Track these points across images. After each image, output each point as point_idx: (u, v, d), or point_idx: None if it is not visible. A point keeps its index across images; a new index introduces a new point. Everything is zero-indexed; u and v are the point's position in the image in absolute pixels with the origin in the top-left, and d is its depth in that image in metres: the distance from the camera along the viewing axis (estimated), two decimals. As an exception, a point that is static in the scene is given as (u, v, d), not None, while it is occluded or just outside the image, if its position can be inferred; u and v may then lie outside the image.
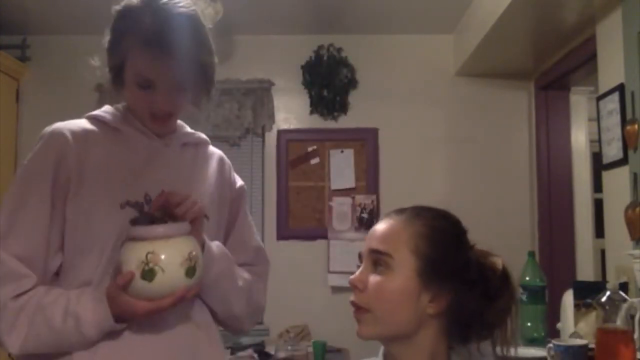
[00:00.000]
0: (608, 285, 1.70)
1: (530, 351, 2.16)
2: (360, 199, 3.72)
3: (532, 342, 2.28)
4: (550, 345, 1.85)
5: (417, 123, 3.81)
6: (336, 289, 3.62)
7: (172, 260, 1.12)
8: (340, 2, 3.38)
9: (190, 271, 1.14)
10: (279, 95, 3.83)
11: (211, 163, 1.43)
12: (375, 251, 1.06)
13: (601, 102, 2.64)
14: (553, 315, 2.38)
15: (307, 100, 3.83)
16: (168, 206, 1.18)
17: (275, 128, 3.82)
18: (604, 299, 1.68)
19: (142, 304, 1.13)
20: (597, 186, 3.06)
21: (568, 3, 2.67)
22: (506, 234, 3.64)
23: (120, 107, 1.34)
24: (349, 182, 3.76)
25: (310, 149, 3.80)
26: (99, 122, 1.29)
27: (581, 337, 1.90)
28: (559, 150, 3.59)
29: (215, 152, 1.47)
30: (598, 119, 2.67)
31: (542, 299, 2.34)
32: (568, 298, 2.14)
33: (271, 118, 3.80)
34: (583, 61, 3.03)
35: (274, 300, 3.71)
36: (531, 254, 2.42)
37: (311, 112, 3.83)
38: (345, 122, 3.82)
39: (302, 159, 3.80)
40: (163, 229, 1.15)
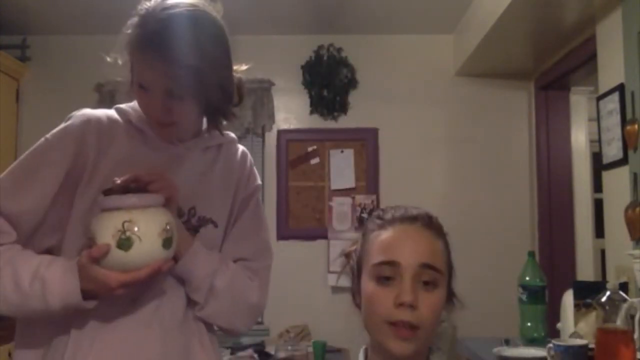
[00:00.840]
0: (608, 285, 1.70)
1: (530, 351, 2.16)
2: (360, 199, 3.72)
3: (532, 342, 2.28)
4: (550, 345, 1.85)
5: (417, 123, 3.81)
6: (336, 289, 3.62)
7: (150, 230, 1.08)
8: (340, 2, 3.38)
9: (167, 242, 1.10)
10: (279, 95, 3.83)
11: (233, 161, 1.40)
12: (429, 266, 1.01)
13: (601, 102, 2.64)
14: (553, 315, 2.38)
15: (307, 100, 3.83)
16: (140, 184, 1.15)
17: (275, 128, 3.82)
18: (604, 299, 1.68)
19: (115, 276, 1.08)
20: (597, 186, 3.06)
21: (568, 3, 2.67)
22: (506, 234, 3.65)
23: None
24: (349, 182, 3.76)
25: (310, 149, 3.80)
26: (126, 118, 1.28)
27: (581, 337, 1.90)
28: (559, 150, 3.59)
29: (239, 150, 1.44)
30: (598, 119, 2.67)
31: (542, 299, 2.34)
32: (568, 298, 2.14)
33: (271, 118, 3.80)
34: (583, 61, 3.03)
35: (274, 300, 3.71)
36: (531, 254, 2.42)
37: (311, 112, 3.83)
38: (345, 122, 3.82)
39: (302, 159, 3.80)
40: (139, 198, 1.11)
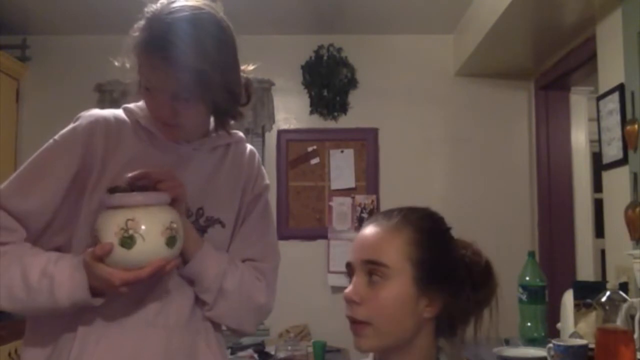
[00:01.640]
0: (608, 285, 1.70)
1: (530, 351, 2.16)
2: (360, 199, 3.72)
3: (532, 342, 2.28)
4: (550, 345, 1.85)
5: (417, 123, 3.81)
6: (336, 289, 3.62)
7: (153, 228, 1.08)
8: (340, 2, 3.38)
9: (171, 241, 1.10)
10: (279, 95, 3.83)
11: (241, 160, 1.40)
12: (370, 262, 1.02)
13: (601, 102, 2.64)
14: (553, 315, 2.38)
15: (307, 100, 3.83)
16: (149, 181, 1.15)
17: (275, 128, 3.82)
18: (604, 299, 1.68)
19: (118, 274, 1.08)
20: (597, 186, 3.06)
21: (568, 3, 2.67)
22: (506, 234, 3.65)
23: None
24: (349, 182, 3.76)
25: (310, 149, 3.80)
26: (134, 118, 1.28)
27: (581, 337, 1.90)
28: (559, 150, 3.59)
29: (247, 149, 1.44)
30: (598, 119, 2.67)
31: (542, 299, 2.34)
32: (568, 298, 2.14)
33: (271, 118, 3.80)
34: (583, 61, 3.03)
35: (274, 300, 3.73)
36: (531, 254, 2.42)
37: (311, 112, 3.83)
38: (345, 122, 3.82)
39: (302, 159, 3.80)
40: (143, 197, 1.11)
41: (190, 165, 1.29)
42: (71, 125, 1.25)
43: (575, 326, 2.03)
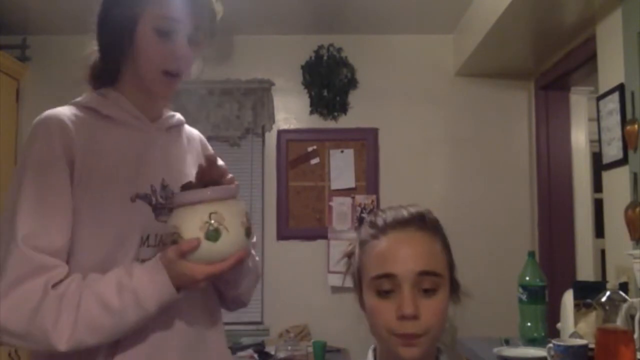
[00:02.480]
0: (608, 285, 1.70)
1: (530, 351, 2.16)
2: (360, 199, 3.72)
3: (532, 342, 2.28)
4: (550, 345, 1.85)
5: (417, 123, 3.81)
6: (336, 289, 3.62)
7: (234, 220, 1.10)
8: (340, 2, 3.38)
9: (249, 231, 1.13)
10: (279, 95, 3.83)
11: (195, 144, 1.42)
12: (427, 273, 0.99)
13: (601, 102, 2.64)
14: (553, 315, 2.38)
15: (307, 100, 3.83)
16: (210, 176, 1.16)
17: (275, 128, 3.82)
18: (604, 299, 1.68)
19: (202, 268, 1.09)
20: (597, 186, 3.06)
21: (568, 3, 2.67)
22: (506, 234, 3.65)
23: (105, 92, 1.28)
24: (349, 182, 3.76)
25: (310, 149, 3.80)
26: (88, 109, 1.25)
27: (581, 337, 1.90)
28: (559, 150, 3.59)
29: (194, 132, 1.45)
30: (598, 119, 2.67)
31: (542, 299, 2.34)
32: (568, 298, 2.14)
33: (271, 118, 3.80)
34: (583, 61, 3.03)
35: (274, 300, 3.74)
36: (531, 254, 2.42)
37: (311, 112, 3.83)
38: (345, 122, 3.82)
39: (302, 159, 3.80)
40: (222, 190, 1.13)
41: (157, 144, 1.29)
42: (37, 134, 1.17)
43: (575, 326, 2.03)
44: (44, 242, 1.11)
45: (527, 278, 2.35)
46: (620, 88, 2.47)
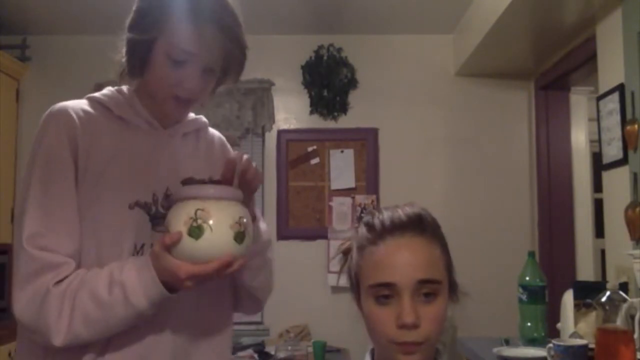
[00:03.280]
0: (608, 285, 1.70)
1: (530, 351, 2.16)
2: (360, 199, 3.72)
3: (532, 342, 2.28)
4: (550, 345, 1.85)
5: (417, 123, 3.81)
6: (336, 289, 3.62)
7: (222, 221, 1.07)
8: (340, 2, 3.38)
9: (239, 237, 1.09)
10: (279, 95, 3.83)
11: (214, 148, 1.40)
12: (427, 281, 0.97)
13: (601, 102, 2.64)
14: (553, 315, 2.38)
15: (307, 100, 3.84)
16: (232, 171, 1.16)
17: (275, 128, 3.82)
18: (604, 299, 1.68)
19: (185, 267, 1.06)
20: (597, 186, 3.06)
21: (568, 3, 2.67)
22: (506, 234, 3.65)
23: (124, 90, 1.28)
24: (349, 182, 3.76)
25: (310, 149, 3.80)
26: (103, 107, 1.25)
27: (581, 337, 1.90)
28: (559, 150, 3.59)
29: (215, 135, 1.43)
30: (598, 119, 2.67)
31: (542, 299, 2.34)
32: (568, 298, 2.14)
33: (271, 118, 3.80)
34: (583, 61, 3.03)
35: (274, 300, 3.72)
36: (531, 254, 2.42)
37: (311, 112, 3.83)
38: (345, 122, 3.82)
39: (302, 159, 3.80)
40: (215, 189, 1.11)
41: (166, 151, 1.28)
42: (47, 127, 1.18)
43: (575, 326, 2.03)
44: (48, 241, 1.12)
45: (527, 278, 2.34)
46: (620, 88, 2.47)
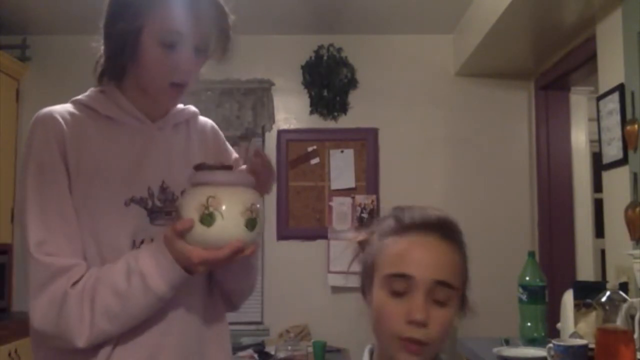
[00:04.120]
0: (608, 285, 1.70)
1: (530, 351, 2.16)
2: (360, 199, 3.72)
3: (532, 342, 2.28)
4: (550, 345, 1.85)
5: (417, 123, 3.81)
6: (336, 289, 3.62)
7: (233, 208, 1.08)
8: (340, 2, 3.38)
9: (250, 223, 1.09)
10: (279, 95, 3.83)
11: (206, 136, 1.39)
12: (444, 283, 0.97)
13: (601, 102, 2.64)
14: (553, 315, 2.38)
15: (307, 100, 3.84)
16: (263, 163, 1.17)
17: (275, 128, 3.82)
18: (604, 299, 1.68)
19: (198, 252, 1.07)
20: (597, 186, 3.06)
21: (568, 3, 2.67)
22: (506, 234, 3.65)
23: (106, 90, 1.26)
24: (349, 182, 3.76)
25: (310, 149, 3.80)
26: (88, 109, 1.23)
27: (581, 337, 1.90)
28: (559, 150, 3.59)
29: (207, 123, 1.42)
30: (598, 119, 2.67)
31: (542, 299, 2.34)
32: (568, 298, 2.14)
33: (271, 118, 3.80)
34: (583, 61, 3.03)
35: (274, 300, 3.74)
36: (531, 254, 2.42)
37: (311, 112, 3.83)
38: (345, 122, 3.82)
39: (302, 159, 3.80)
40: (227, 175, 1.12)
41: (158, 145, 1.27)
42: (35, 134, 1.18)
43: (575, 326, 2.03)
44: (54, 246, 1.12)
45: (527, 278, 2.34)
46: (620, 88, 2.47)
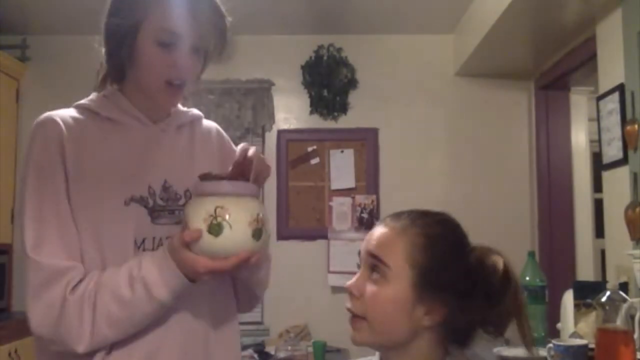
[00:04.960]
0: (608, 285, 1.70)
1: (530, 351, 2.16)
2: (360, 199, 3.72)
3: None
4: (550, 345, 1.85)
5: (417, 123, 3.81)
6: (336, 289, 3.62)
7: (241, 218, 1.08)
8: (340, 2, 3.38)
9: (257, 233, 1.10)
10: (279, 95, 3.83)
11: (210, 139, 1.38)
12: (374, 256, 1.02)
13: (601, 102, 2.64)
14: (553, 315, 2.38)
15: (307, 100, 3.84)
16: (242, 171, 1.15)
17: (275, 128, 3.82)
18: (604, 299, 1.68)
19: (204, 261, 1.08)
20: (597, 186, 3.06)
21: (568, 3, 2.67)
22: (506, 234, 3.64)
23: (108, 94, 1.27)
24: (349, 182, 3.76)
25: (310, 149, 3.80)
26: (90, 112, 1.24)
27: (581, 337, 1.90)
28: (559, 150, 3.59)
29: (212, 127, 1.41)
30: (598, 119, 2.67)
31: (542, 299, 2.34)
32: (568, 298, 2.14)
33: (271, 118, 3.80)
34: (583, 61, 3.04)
35: (274, 300, 3.74)
36: (531, 254, 2.42)
37: (311, 112, 3.83)
38: (345, 122, 3.82)
39: (302, 159, 3.80)
40: (234, 186, 1.12)
41: (160, 145, 1.27)
42: (36, 138, 1.18)
43: (575, 326, 2.03)
44: (51, 248, 1.13)
45: (527, 278, 2.34)
46: (620, 88, 2.47)
